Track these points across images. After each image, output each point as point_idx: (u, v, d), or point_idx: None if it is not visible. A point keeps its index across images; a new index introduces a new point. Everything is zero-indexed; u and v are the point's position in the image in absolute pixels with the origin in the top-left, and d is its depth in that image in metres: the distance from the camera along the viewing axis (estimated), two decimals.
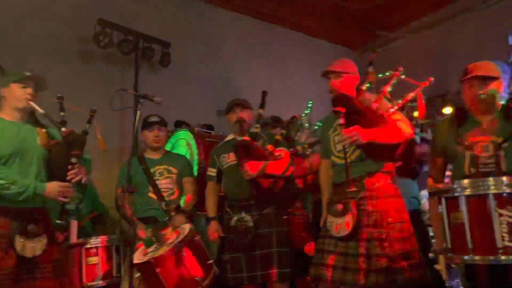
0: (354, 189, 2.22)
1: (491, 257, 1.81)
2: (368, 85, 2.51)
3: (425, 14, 5.47)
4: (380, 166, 2.40)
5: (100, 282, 2.98)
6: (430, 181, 2.39)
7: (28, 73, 2.45)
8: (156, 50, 4.42)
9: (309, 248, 3.11)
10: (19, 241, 2.26)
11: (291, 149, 2.92)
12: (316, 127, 3.87)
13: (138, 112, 2.63)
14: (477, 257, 1.85)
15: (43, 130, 2.50)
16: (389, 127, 2.27)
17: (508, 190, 1.82)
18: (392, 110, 2.33)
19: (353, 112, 2.25)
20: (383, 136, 2.23)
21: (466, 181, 1.95)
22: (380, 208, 2.31)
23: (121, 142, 4.21)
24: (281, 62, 5.67)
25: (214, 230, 2.94)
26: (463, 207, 1.90)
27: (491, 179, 1.87)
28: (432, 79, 2.44)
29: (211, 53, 5.04)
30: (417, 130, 3.06)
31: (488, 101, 2.26)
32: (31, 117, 2.53)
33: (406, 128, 2.32)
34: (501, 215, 1.81)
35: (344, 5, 5.21)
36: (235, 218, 2.76)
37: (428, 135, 3.50)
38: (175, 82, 4.63)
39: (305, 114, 3.71)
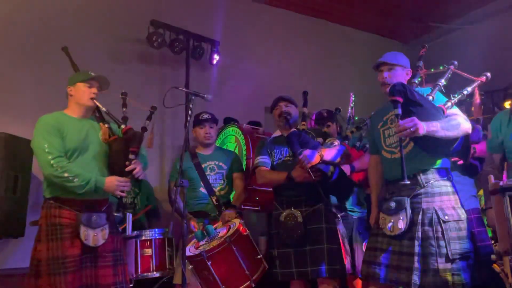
0: (408, 182, 2.12)
1: None
2: (419, 79, 2.43)
3: (483, 5, 5.19)
4: (434, 162, 2.31)
5: (154, 272, 3.10)
6: (491, 178, 2.27)
7: (93, 74, 2.60)
8: (205, 48, 4.52)
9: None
10: (84, 231, 2.41)
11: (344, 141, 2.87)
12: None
13: (190, 109, 2.71)
14: None
15: (106, 125, 2.64)
16: (449, 121, 2.19)
17: None
18: (449, 104, 2.24)
19: (410, 102, 2.16)
20: (442, 129, 2.14)
21: None
22: (436, 205, 2.23)
23: (173, 139, 4.35)
24: (330, 58, 5.60)
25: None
26: None
27: None
28: (489, 74, 2.33)
29: (259, 51, 5.08)
30: (479, 127, 2.91)
31: None
32: (94, 113, 2.68)
33: (464, 123, 2.22)
34: None
35: None
36: (284, 213, 2.77)
37: (488, 132, 3.34)
38: (224, 79, 4.71)
39: (351, 107, 3.65)
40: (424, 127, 2.10)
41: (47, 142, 2.40)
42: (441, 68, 2.41)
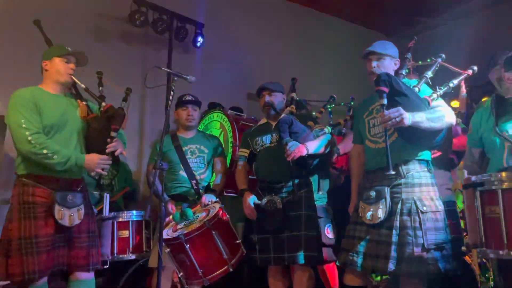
0: (393, 172, 2.15)
1: None
2: (406, 70, 2.44)
3: (466, 1, 5.26)
4: (416, 154, 2.34)
5: (130, 255, 3.07)
6: (464, 173, 2.32)
7: (71, 49, 2.51)
8: (189, 30, 4.44)
9: None
10: (59, 210, 2.34)
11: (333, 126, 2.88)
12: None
13: (172, 91, 2.65)
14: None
15: (84, 102, 2.57)
16: (434, 112, 2.21)
17: None
18: (434, 95, 2.26)
19: (397, 93, 2.17)
20: (427, 120, 2.16)
21: (504, 174, 1.90)
22: (415, 196, 2.27)
23: (153, 120, 4.27)
24: (315, 46, 5.59)
25: (247, 201, 2.82)
26: (500, 200, 1.85)
27: None
28: (475, 67, 2.36)
29: (243, 36, 5.02)
30: (459, 120, 2.96)
31: None
32: (71, 90, 2.60)
33: (449, 115, 2.24)
34: None
35: None
36: (265, 199, 2.77)
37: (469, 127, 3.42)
38: (207, 63, 4.64)
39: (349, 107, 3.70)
40: (409, 118, 2.11)
41: (23, 118, 2.31)
42: (428, 61, 2.42)
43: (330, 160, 3.17)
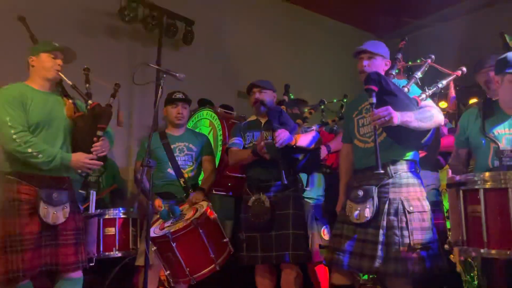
0: (382, 171, 2.16)
1: (508, 252, 1.79)
2: (397, 70, 2.45)
3: (454, 3, 5.32)
4: (404, 154, 2.35)
5: (117, 252, 3.05)
6: (449, 172, 2.34)
7: (58, 45, 2.47)
8: (179, 27, 4.41)
9: None
10: (43, 208, 2.31)
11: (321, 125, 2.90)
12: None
13: (160, 88, 2.63)
14: (493, 251, 1.83)
15: (70, 100, 2.53)
16: (422, 112, 2.22)
17: None
18: (423, 95, 2.27)
19: (386, 92, 2.18)
20: (416, 120, 2.17)
21: (487, 174, 1.93)
22: (402, 196, 2.28)
23: (141, 118, 4.24)
24: (306, 45, 5.60)
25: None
26: (482, 200, 1.88)
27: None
28: (464, 68, 2.38)
29: (233, 34, 4.99)
30: (445, 120, 2.99)
31: None
32: (58, 87, 2.56)
33: (437, 115, 2.25)
34: None
35: None
36: (253, 198, 2.77)
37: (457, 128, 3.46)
38: (197, 60, 4.61)
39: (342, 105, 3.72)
40: (398, 117, 2.12)
41: (9, 116, 2.27)
42: (418, 61, 2.44)
43: (319, 159, 3.17)
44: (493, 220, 1.85)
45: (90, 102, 2.49)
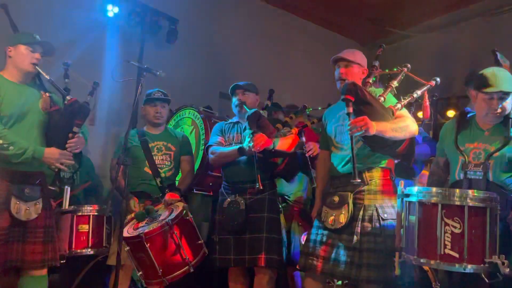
0: (359, 180, 2.19)
1: (432, 262, 1.95)
2: (373, 78, 2.49)
3: (435, 16, 5.44)
4: (380, 162, 2.39)
5: (89, 250, 2.99)
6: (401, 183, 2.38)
7: (38, 37, 2.43)
8: (163, 25, 4.37)
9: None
10: (14, 204, 2.26)
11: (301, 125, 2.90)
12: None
13: (140, 85, 2.61)
14: (422, 260, 1.98)
15: (47, 94, 2.48)
16: (397, 122, 2.25)
17: (458, 203, 1.94)
18: (399, 105, 2.31)
19: (362, 102, 2.21)
20: (391, 130, 2.20)
21: (434, 189, 2.07)
22: (377, 203, 2.31)
23: (120, 114, 4.18)
24: (290, 49, 5.63)
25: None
26: (415, 211, 2.04)
27: (456, 191, 2.01)
28: (438, 79, 2.42)
29: (217, 35, 4.99)
30: (421, 129, 3.04)
31: (501, 114, 2.26)
32: (35, 80, 2.51)
33: (412, 125, 2.29)
34: (446, 224, 1.94)
35: None
36: (228, 200, 2.76)
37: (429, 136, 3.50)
38: (179, 60, 4.58)
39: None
40: (374, 127, 2.15)
41: None
42: (395, 69, 2.47)
43: (298, 164, 3.16)
44: (423, 231, 2.01)
45: (68, 98, 2.45)
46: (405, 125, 2.26)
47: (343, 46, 2.79)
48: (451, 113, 4.93)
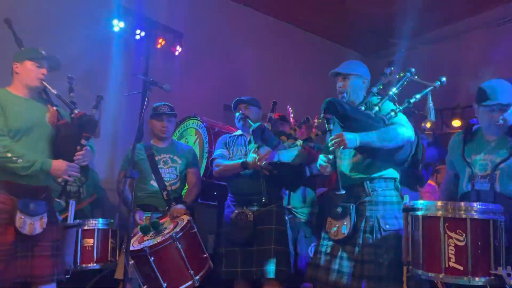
0: (341, 192, 2.22)
1: (438, 275, 1.96)
2: (380, 86, 2.48)
3: (439, 27, 5.45)
4: (382, 171, 2.37)
5: (95, 264, 2.98)
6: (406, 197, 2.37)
7: (44, 53, 2.45)
8: (168, 39, 4.42)
9: None
10: (19, 218, 2.26)
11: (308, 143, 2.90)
12: None
13: (146, 98, 2.62)
14: (428, 274, 2.00)
15: (54, 108, 2.50)
16: (387, 131, 2.23)
17: (460, 216, 1.96)
18: (392, 113, 2.30)
19: (344, 117, 2.25)
20: (379, 140, 2.19)
21: (439, 203, 2.10)
22: (379, 214, 2.30)
23: (127, 128, 4.20)
24: (293, 62, 5.65)
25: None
26: (420, 225, 2.05)
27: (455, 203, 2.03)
28: (444, 79, 2.41)
29: (222, 47, 5.03)
30: (423, 135, 3.00)
31: (505, 126, 2.26)
32: (42, 94, 2.53)
33: (404, 132, 2.25)
34: (450, 237, 1.94)
35: (359, 10, 5.18)
36: (236, 211, 2.76)
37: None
38: (184, 72, 4.62)
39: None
40: (355, 139, 2.17)
41: None
42: (401, 75, 2.47)
43: (303, 175, 3.15)
44: (427, 245, 2.02)
45: (76, 111, 2.47)
46: (395, 133, 2.23)
47: (346, 57, 2.81)
48: (456, 123, 4.93)
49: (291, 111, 3.70)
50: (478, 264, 1.91)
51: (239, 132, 3.11)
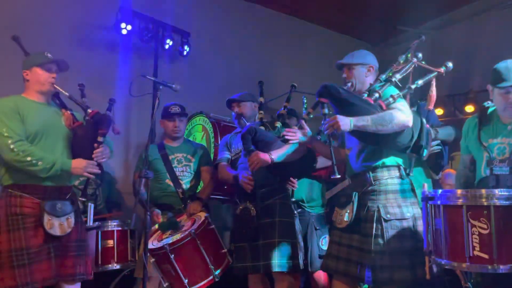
0: (338, 176, 2.21)
1: (462, 265, 1.92)
2: (389, 74, 2.45)
3: (449, 11, 5.36)
4: (384, 159, 2.34)
5: (115, 265, 3.02)
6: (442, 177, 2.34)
7: (50, 56, 2.47)
8: (175, 39, 4.44)
9: None
10: (48, 220, 2.30)
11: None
12: None
13: (157, 99, 2.65)
14: (451, 263, 1.95)
15: (68, 112, 2.54)
16: (383, 115, 2.20)
17: (482, 203, 1.89)
18: (390, 99, 2.27)
19: (339, 101, 2.24)
20: (374, 124, 2.17)
21: (459, 191, 2.02)
22: (380, 203, 2.28)
23: (139, 129, 4.24)
24: (302, 55, 5.63)
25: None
26: (441, 215, 2.00)
27: (482, 191, 1.94)
28: (450, 64, 2.37)
29: (229, 45, 5.03)
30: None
31: None
32: (55, 99, 2.57)
33: (400, 117, 2.20)
34: (473, 226, 1.89)
35: None
36: (240, 207, 2.76)
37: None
38: (193, 72, 4.64)
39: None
40: (350, 123, 2.17)
41: (5, 126, 2.28)
42: (401, 61, 2.44)
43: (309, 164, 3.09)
44: (450, 233, 1.97)
45: (89, 110, 2.50)
46: (390, 117, 2.19)
47: (354, 47, 2.78)
48: (469, 108, 4.85)
49: (305, 101, 3.67)
50: (504, 252, 1.86)
51: (239, 129, 3.12)
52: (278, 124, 2.86)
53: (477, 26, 5.13)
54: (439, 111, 4.81)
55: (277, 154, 2.61)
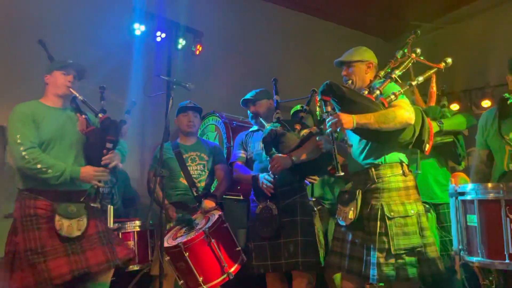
0: (342, 173, 2.17)
1: (499, 262, 1.83)
2: (388, 70, 2.44)
3: (464, 4, 5.27)
4: (386, 156, 2.33)
5: (136, 266, 3.05)
6: (453, 180, 2.29)
7: (70, 61, 2.54)
8: (188, 39, 4.46)
9: None
10: (58, 221, 2.36)
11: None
12: None
13: (171, 98, 2.67)
14: (489, 261, 1.86)
15: (83, 116, 2.58)
16: (385, 113, 2.19)
17: None
18: (392, 96, 2.26)
19: (342, 99, 2.23)
20: (376, 122, 2.16)
21: (489, 185, 1.96)
22: (383, 201, 2.26)
23: (154, 128, 4.28)
24: (314, 52, 5.60)
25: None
26: (476, 210, 1.91)
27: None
28: (449, 60, 2.34)
29: (242, 43, 5.03)
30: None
31: None
32: (71, 103, 2.63)
33: (402, 115, 2.19)
34: None
35: None
36: (260, 206, 2.77)
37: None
38: (207, 71, 4.66)
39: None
40: (352, 121, 2.15)
41: (19, 133, 2.34)
42: (399, 57, 2.41)
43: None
44: (486, 230, 1.88)
45: (100, 115, 2.54)
46: (392, 115, 2.18)
47: (367, 44, 2.76)
48: (486, 103, 4.77)
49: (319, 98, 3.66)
50: None
51: (255, 127, 3.12)
52: (299, 127, 2.84)
53: (493, 20, 5.04)
54: (455, 106, 4.74)
55: (298, 155, 2.62)
